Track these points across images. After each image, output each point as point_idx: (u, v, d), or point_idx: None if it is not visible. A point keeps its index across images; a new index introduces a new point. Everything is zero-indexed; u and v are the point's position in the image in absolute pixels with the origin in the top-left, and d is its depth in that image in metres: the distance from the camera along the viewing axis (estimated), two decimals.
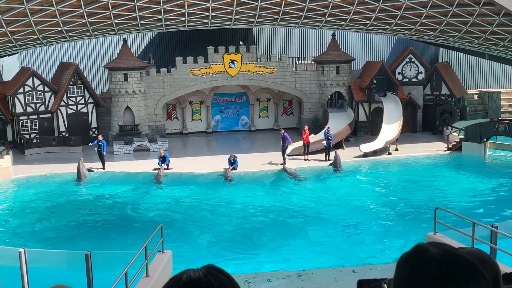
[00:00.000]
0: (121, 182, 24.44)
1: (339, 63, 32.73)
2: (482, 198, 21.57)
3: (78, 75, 31.34)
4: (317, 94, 33.45)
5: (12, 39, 23.88)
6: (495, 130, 26.85)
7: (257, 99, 35.34)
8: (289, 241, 17.12)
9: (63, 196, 22.64)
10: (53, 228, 18.84)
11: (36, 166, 26.85)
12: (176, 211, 20.51)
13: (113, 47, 37.94)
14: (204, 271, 1.58)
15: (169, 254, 13.30)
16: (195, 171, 25.43)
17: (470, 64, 40.21)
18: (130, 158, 28.75)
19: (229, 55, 32.79)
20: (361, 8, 24.71)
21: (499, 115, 35.56)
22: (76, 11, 22.66)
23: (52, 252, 13.57)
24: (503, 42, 25.62)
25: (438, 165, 26.76)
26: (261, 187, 23.32)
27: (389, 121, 29.59)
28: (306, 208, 20.44)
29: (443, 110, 33.10)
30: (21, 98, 29.99)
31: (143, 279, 11.48)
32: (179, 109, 34.83)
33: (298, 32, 40.03)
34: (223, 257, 15.47)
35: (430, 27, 26.21)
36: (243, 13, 25.47)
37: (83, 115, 31.76)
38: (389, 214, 19.74)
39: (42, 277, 11.29)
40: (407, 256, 1.62)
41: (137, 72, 31.10)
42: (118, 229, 18.69)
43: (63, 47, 37.50)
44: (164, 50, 39.30)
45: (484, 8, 22.52)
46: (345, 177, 24.61)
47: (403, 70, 33.80)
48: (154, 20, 25.52)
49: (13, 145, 30.01)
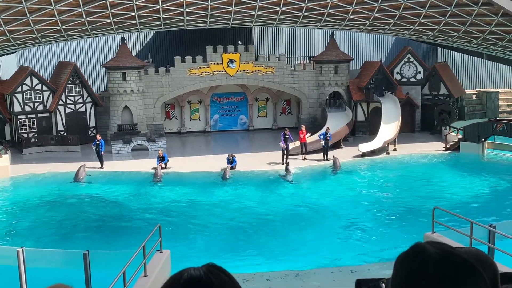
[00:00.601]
0: (119, 181, 24.43)
1: (337, 62, 32.73)
2: (480, 198, 21.60)
3: (76, 74, 31.31)
4: (316, 94, 33.47)
5: (11, 38, 23.85)
6: (493, 130, 26.89)
7: (255, 98, 35.33)
8: (287, 241, 17.12)
9: (61, 195, 22.61)
10: (51, 227, 18.82)
11: (34, 165, 26.82)
12: (174, 210, 20.50)
13: (111, 46, 37.92)
14: (205, 270, 1.57)
15: (167, 253, 13.30)
16: (193, 170, 25.43)
17: (468, 64, 40.25)
18: (128, 157, 28.73)
19: (227, 55, 32.78)
20: (359, 8, 24.72)
21: (497, 115, 35.62)
22: (74, 10, 22.63)
23: (50, 252, 13.55)
24: (502, 42, 25.65)
25: (436, 165, 26.79)
26: (259, 187, 23.31)
27: (388, 121, 29.61)
28: (304, 207, 20.44)
29: (441, 110, 33.12)
30: (19, 97, 29.95)
31: (141, 278, 11.48)
32: (177, 109, 34.81)
33: (297, 32, 40.03)
34: (221, 256, 15.46)
35: (429, 27, 26.23)
36: (242, 12, 25.46)
37: (82, 114, 31.71)
38: (387, 214, 19.77)
39: (40, 276, 11.28)
40: (405, 255, 1.62)
41: (135, 72, 31.07)
42: (116, 228, 18.68)
43: (61, 46, 37.45)
44: (163, 50, 39.28)
45: (482, 8, 22.54)
46: (343, 176, 24.63)
47: (402, 70, 33.82)
48: (152, 19, 25.50)
49: (11, 144, 29.96)
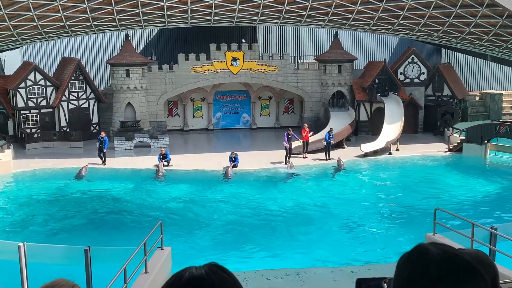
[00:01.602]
0: (121, 178, 24.46)
1: (341, 62, 32.70)
2: (482, 199, 21.56)
3: (80, 70, 31.34)
4: (319, 93, 33.43)
5: (15, 33, 23.87)
6: (496, 132, 26.83)
7: (258, 97, 35.31)
8: (288, 240, 17.13)
9: (63, 191, 22.66)
10: (53, 223, 18.86)
11: (37, 160, 26.87)
12: (176, 208, 20.52)
13: (115, 43, 37.90)
14: (207, 269, 1.57)
15: (168, 250, 13.32)
16: (195, 168, 25.44)
17: (472, 65, 40.15)
18: (131, 154, 28.77)
19: (231, 53, 32.77)
20: (364, 8, 24.67)
21: (501, 117, 35.52)
22: (78, 6, 22.63)
23: (51, 247, 13.58)
24: (506, 44, 25.59)
25: (439, 166, 26.75)
26: (261, 185, 23.32)
27: (390, 121, 29.57)
28: (305, 206, 20.45)
29: (444, 111, 33.07)
30: (22, 92, 30.01)
31: (142, 275, 11.50)
32: (180, 106, 34.81)
33: (301, 31, 39.98)
34: (222, 254, 15.47)
35: (433, 28, 26.16)
36: (246, 10, 25.44)
37: (85, 110, 31.76)
38: (388, 214, 19.76)
39: (41, 271, 11.30)
40: (408, 256, 1.62)
41: (139, 68, 31.09)
42: (117, 225, 18.71)
43: (65, 42, 37.45)
44: (166, 47, 39.26)
45: (487, 10, 22.48)
46: (345, 176, 24.61)
47: (405, 70, 33.77)
48: (156, 17, 25.50)
49: (14, 139, 30.03)
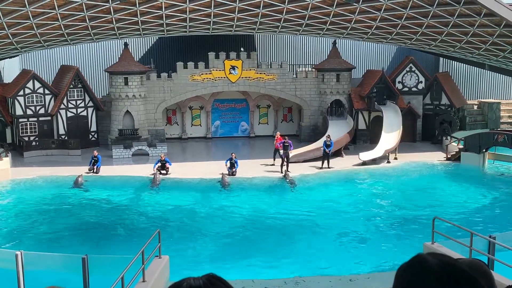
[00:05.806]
0: (119, 186, 24.40)
1: (339, 71, 32.79)
2: (481, 208, 21.54)
3: (78, 79, 31.37)
4: (317, 102, 33.49)
5: (14, 41, 23.91)
6: (494, 141, 26.87)
7: (257, 105, 35.36)
8: (286, 249, 17.08)
9: (61, 199, 22.60)
10: (50, 231, 18.80)
11: (35, 168, 26.82)
12: (174, 216, 20.45)
13: (114, 51, 37.99)
14: (205, 280, 1.57)
15: (166, 259, 13.28)
16: (193, 176, 25.41)
17: (470, 74, 40.29)
18: (129, 162, 28.72)
19: (230, 61, 32.85)
20: (362, 17, 24.77)
21: (499, 126, 35.58)
22: (78, 14, 22.70)
23: (49, 255, 13.51)
24: (504, 53, 25.68)
25: (437, 175, 26.76)
26: (259, 194, 23.27)
27: (389, 130, 29.60)
28: (303, 215, 20.40)
29: (442, 120, 33.13)
30: (21, 100, 30.01)
31: (139, 283, 11.45)
32: (179, 114, 34.84)
33: (299, 40, 40.11)
34: (220, 262, 15.43)
35: (431, 37, 26.26)
36: (245, 20, 25.52)
37: (83, 118, 31.75)
38: (387, 223, 19.73)
39: (38, 280, 11.26)
40: (406, 266, 1.62)
41: (137, 77, 31.13)
42: (115, 233, 18.65)
43: (64, 50, 37.53)
44: (165, 55, 39.35)
45: (485, 19, 22.59)
46: (343, 185, 24.60)
47: (403, 79, 33.86)
48: (155, 25, 25.56)
49: (12, 147, 30.00)
